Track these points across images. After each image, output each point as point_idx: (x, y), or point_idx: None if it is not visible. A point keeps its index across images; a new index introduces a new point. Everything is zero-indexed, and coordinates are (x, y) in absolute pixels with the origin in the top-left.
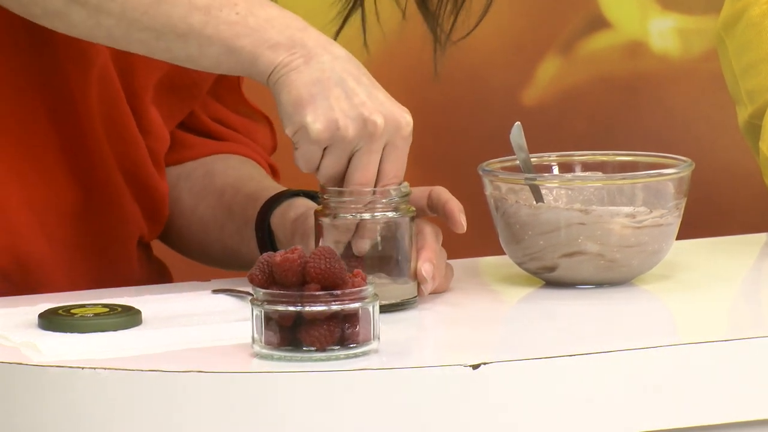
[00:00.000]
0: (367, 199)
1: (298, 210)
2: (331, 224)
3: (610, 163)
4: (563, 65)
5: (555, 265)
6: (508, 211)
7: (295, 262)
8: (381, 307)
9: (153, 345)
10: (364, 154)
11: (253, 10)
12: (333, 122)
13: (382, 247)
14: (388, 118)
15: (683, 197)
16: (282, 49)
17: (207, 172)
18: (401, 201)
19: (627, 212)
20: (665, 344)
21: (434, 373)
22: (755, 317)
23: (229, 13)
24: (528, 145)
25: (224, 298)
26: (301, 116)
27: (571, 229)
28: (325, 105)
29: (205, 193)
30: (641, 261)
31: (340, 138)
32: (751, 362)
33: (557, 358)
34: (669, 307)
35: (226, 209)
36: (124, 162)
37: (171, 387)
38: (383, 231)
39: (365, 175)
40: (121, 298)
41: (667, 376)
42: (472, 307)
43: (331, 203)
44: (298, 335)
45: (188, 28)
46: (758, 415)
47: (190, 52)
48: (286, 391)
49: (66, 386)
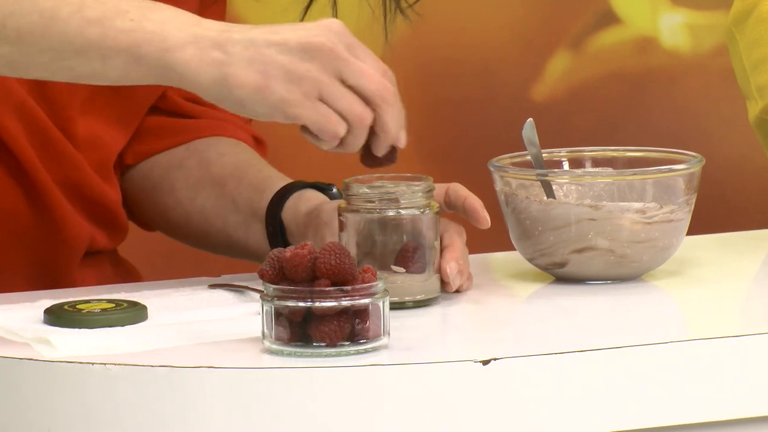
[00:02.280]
0: (393, 195)
1: (309, 203)
2: (354, 220)
3: (620, 158)
4: (573, 61)
5: (565, 260)
6: (518, 206)
7: (305, 258)
8: (406, 303)
9: (163, 340)
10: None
11: (147, 15)
12: (299, 73)
13: (406, 244)
14: (322, 31)
15: (693, 193)
16: (190, 47)
17: (201, 161)
18: (426, 196)
19: (637, 208)
20: (676, 340)
21: (444, 369)
22: (766, 313)
23: (123, 22)
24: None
25: (223, 293)
26: (272, 95)
27: (581, 224)
28: (278, 68)
29: (203, 183)
30: (651, 257)
31: (316, 78)
32: (762, 358)
33: (568, 353)
34: (679, 302)
35: (230, 201)
36: (65, 182)
37: (182, 383)
38: (408, 227)
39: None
40: (119, 294)
41: (678, 372)
42: (483, 303)
43: (355, 199)
44: (308, 331)
45: (86, 43)
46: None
47: (93, 67)
48: (296, 387)
49: (77, 382)
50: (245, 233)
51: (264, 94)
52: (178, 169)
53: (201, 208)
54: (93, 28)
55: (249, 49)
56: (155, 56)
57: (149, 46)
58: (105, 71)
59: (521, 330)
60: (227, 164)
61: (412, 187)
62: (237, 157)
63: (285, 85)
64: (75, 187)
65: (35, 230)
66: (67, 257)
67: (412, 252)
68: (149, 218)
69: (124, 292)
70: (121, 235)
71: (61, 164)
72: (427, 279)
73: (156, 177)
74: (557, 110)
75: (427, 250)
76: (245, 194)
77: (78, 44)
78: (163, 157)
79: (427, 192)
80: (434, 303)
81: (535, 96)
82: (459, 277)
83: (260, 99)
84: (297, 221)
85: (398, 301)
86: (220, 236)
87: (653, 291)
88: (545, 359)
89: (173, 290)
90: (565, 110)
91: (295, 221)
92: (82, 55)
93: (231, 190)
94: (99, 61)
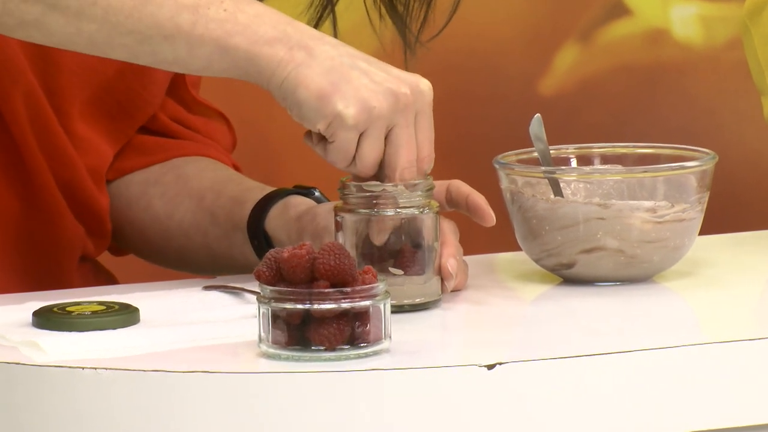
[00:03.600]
0: (391, 194)
1: (298, 209)
2: (352, 221)
3: (630, 155)
4: (582, 54)
5: (573, 261)
6: (524, 205)
7: (304, 258)
8: (404, 307)
9: (156, 343)
10: (403, 129)
11: (241, 7)
12: (365, 102)
13: (405, 245)
14: (412, 86)
15: (706, 191)
16: (279, 44)
17: (179, 176)
18: (425, 195)
19: (648, 207)
20: (688, 343)
21: (447, 373)
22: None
23: (217, 11)
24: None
25: (218, 294)
26: (331, 106)
27: (589, 224)
28: (351, 89)
29: (181, 198)
30: (662, 257)
31: (377, 116)
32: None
33: (576, 357)
34: (691, 304)
35: (209, 214)
36: (61, 179)
37: (175, 388)
38: (407, 227)
39: (410, 151)
40: (110, 296)
41: (691, 377)
42: (487, 306)
43: (352, 199)
44: (306, 334)
45: (176, 29)
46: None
47: (177, 54)
48: (293, 392)
49: (67, 387)
50: (228, 246)
51: (323, 102)
52: (155, 185)
53: (179, 224)
54: (186, 14)
55: (333, 60)
56: (244, 48)
57: (240, 37)
58: (189, 60)
59: (527, 333)
60: (205, 179)
61: (411, 186)
62: (215, 173)
63: (345, 101)
64: (72, 189)
65: (31, 230)
66: (62, 260)
67: (411, 253)
68: (126, 238)
69: (115, 294)
70: (105, 244)
71: (61, 161)
72: (427, 281)
73: (132, 194)
74: (565, 105)
75: (427, 252)
76: (225, 207)
77: (167, 29)
78: (140, 174)
79: (427, 191)
80: (434, 306)
81: (542, 90)
82: (456, 278)
83: (317, 105)
84: (287, 228)
85: (396, 304)
86: (201, 252)
87: (664, 293)
88: (553, 363)
89: (166, 292)
90: (573, 105)
91: (285, 229)
92: (168, 41)
93: (209, 204)
94: (185, 49)
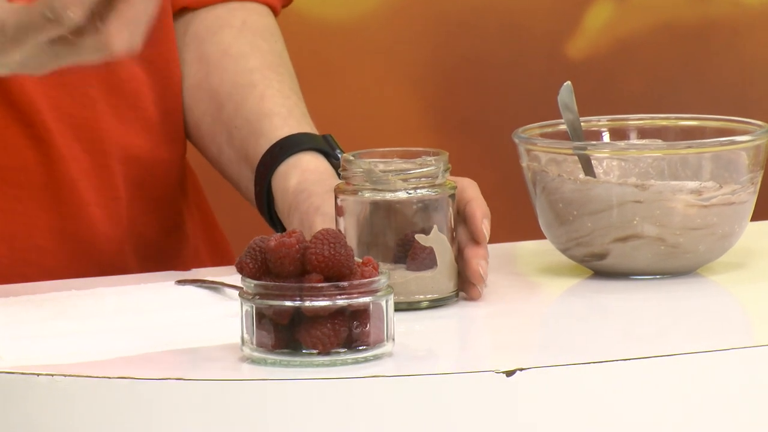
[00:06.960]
0: (400, 172)
1: (303, 175)
2: (355, 204)
3: (672, 128)
4: (617, 10)
5: (606, 251)
6: (548, 186)
7: (293, 248)
8: (412, 304)
9: (123, 347)
10: None
11: None
12: None
13: (415, 233)
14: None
15: (760, 170)
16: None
17: (200, 57)
18: (441, 174)
19: (692, 188)
20: (738, 346)
21: (460, 381)
22: None
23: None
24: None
25: (193, 290)
26: None
27: (624, 207)
28: None
29: (200, 93)
30: (709, 246)
31: None
32: None
33: (608, 363)
34: (742, 301)
35: (225, 130)
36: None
37: (145, 397)
38: (418, 212)
39: None
40: (70, 291)
41: (740, 384)
42: (506, 302)
43: (356, 178)
44: (296, 335)
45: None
46: None
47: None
48: (281, 402)
49: (20, 396)
50: (237, 173)
51: None
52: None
53: (198, 122)
54: None
55: None
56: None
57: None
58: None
59: (552, 335)
60: (228, 73)
61: (424, 164)
62: (238, 65)
63: None
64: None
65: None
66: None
67: (424, 241)
68: None
69: (74, 290)
70: None
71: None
72: (440, 274)
73: None
74: (597, 70)
75: (442, 240)
76: (241, 131)
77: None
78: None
79: (444, 171)
80: (449, 303)
81: (571, 53)
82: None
83: None
84: (284, 197)
85: (406, 301)
86: (213, 160)
87: (711, 287)
88: (580, 370)
89: (134, 287)
90: (607, 70)
91: (282, 195)
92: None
93: (228, 118)
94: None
